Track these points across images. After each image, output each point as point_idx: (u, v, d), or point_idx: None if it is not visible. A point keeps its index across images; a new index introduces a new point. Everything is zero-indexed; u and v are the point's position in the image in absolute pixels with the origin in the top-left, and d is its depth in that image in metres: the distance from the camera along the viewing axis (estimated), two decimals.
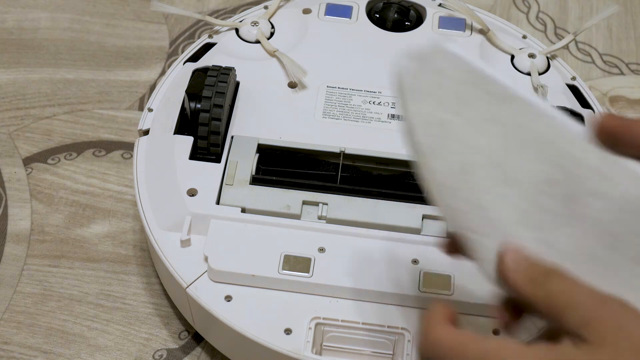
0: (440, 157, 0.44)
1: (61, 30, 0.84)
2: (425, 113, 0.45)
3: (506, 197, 0.43)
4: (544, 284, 0.39)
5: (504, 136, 0.44)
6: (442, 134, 0.44)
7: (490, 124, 0.44)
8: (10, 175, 0.74)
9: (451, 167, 0.44)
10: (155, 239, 0.61)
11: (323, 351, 0.58)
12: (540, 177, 0.43)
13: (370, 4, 0.74)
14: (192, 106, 0.64)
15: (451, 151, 0.44)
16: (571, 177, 0.43)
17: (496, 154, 0.44)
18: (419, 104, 0.45)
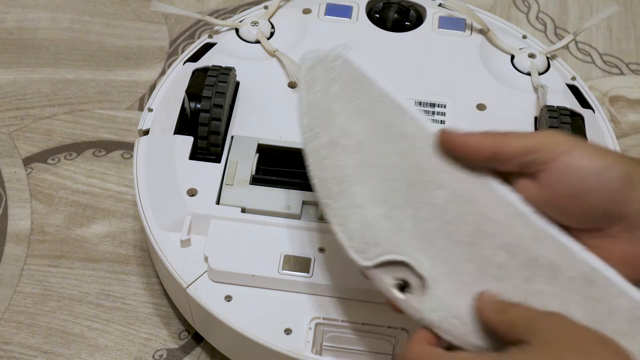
0: (317, 136, 0.52)
1: (61, 30, 0.84)
2: (313, 100, 0.53)
3: (363, 176, 0.51)
4: (506, 312, 0.46)
5: (371, 128, 0.52)
6: (322, 117, 0.52)
7: (363, 117, 0.52)
8: (10, 175, 0.74)
9: (322, 143, 0.52)
10: (155, 239, 0.61)
11: (323, 351, 0.58)
12: (390, 166, 0.51)
13: (370, 4, 0.74)
14: (192, 106, 0.64)
15: (327, 131, 0.52)
16: (416, 168, 0.50)
17: (361, 141, 0.51)
18: (309, 92, 0.53)
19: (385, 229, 0.50)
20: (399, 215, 0.50)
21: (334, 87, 0.53)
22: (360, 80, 0.53)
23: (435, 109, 0.67)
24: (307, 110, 0.53)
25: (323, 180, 0.52)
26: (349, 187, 0.51)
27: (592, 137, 0.65)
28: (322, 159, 0.52)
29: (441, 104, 0.67)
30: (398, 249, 0.49)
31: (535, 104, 0.67)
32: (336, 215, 0.51)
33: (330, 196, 0.51)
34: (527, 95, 0.68)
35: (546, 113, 0.64)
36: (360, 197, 0.51)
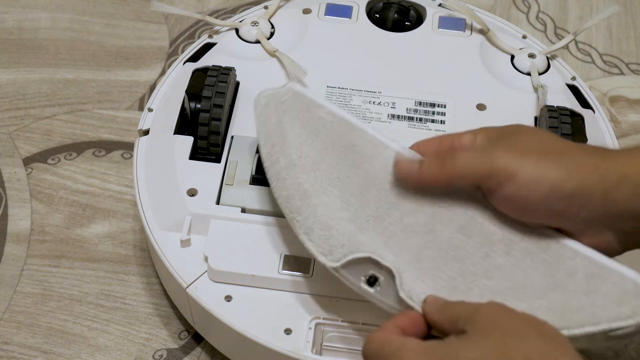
0: (276, 161, 0.57)
1: (61, 30, 0.84)
2: (269, 132, 0.58)
3: (323, 188, 0.55)
4: (448, 310, 0.49)
5: (324, 147, 0.56)
6: (279, 145, 0.57)
7: (315, 139, 0.57)
8: (10, 175, 0.74)
9: (282, 166, 0.56)
10: (155, 239, 0.61)
11: (323, 351, 0.58)
12: (346, 175, 0.55)
13: (370, 4, 0.74)
14: (192, 106, 0.64)
15: (284, 156, 0.57)
16: (368, 173, 0.55)
17: (316, 159, 0.56)
18: (264, 126, 0.58)
19: (348, 230, 0.54)
20: (359, 217, 0.54)
21: (287, 117, 0.58)
22: (310, 107, 0.58)
23: (435, 109, 0.67)
24: (264, 142, 0.58)
25: (286, 198, 0.56)
26: (310, 199, 0.55)
27: (592, 137, 0.65)
28: (283, 180, 0.56)
29: (441, 104, 0.67)
30: (362, 247, 0.53)
31: (535, 104, 0.67)
32: (302, 226, 0.55)
33: (294, 210, 0.55)
34: (527, 95, 0.68)
35: (546, 113, 0.64)
36: (322, 207, 0.55)
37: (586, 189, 0.49)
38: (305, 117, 0.58)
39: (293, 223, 0.55)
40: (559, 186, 0.50)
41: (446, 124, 0.66)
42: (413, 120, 0.66)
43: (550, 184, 0.50)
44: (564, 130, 0.62)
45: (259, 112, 0.59)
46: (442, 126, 0.65)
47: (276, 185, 0.57)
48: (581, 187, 0.49)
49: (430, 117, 0.66)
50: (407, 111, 0.66)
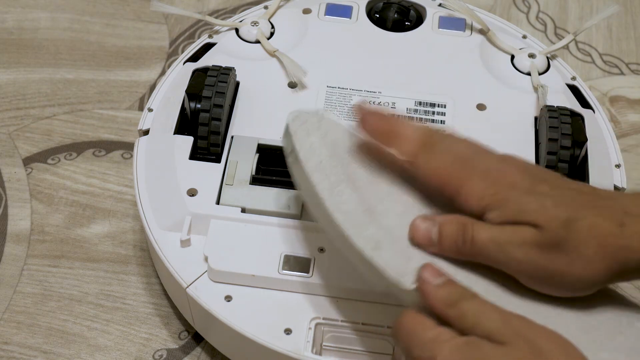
0: (328, 175, 0.54)
1: (61, 30, 0.84)
2: (312, 147, 0.55)
3: (385, 206, 0.53)
4: (459, 305, 0.48)
5: (374, 171, 0.54)
6: (327, 160, 0.54)
7: (362, 161, 0.55)
8: (10, 175, 0.74)
9: (333, 182, 0.54)
10: (155, 239, 0.61)
11: (323, 351, 0.58)
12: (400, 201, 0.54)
13: (370, 4, 0.74)
14: (192, 106, 0.64)
15: (335, 172, 0.54)
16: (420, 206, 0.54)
17: (370, 180, 0.54)
18: (304, 142, 0.55)
19: (415, 252, 0.51)
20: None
21: (329, 138, 0.55)
22: (348, 133, 0.56)
23: (435, 109, 0.67)
24: (306, 157, 0.55)
25: (344, 213, 0.52)
26: (373, 215, 0.52)
27: (592, 137, 0.65)
28: (336, 195, 0.53)
29: (441, 104, 0.67)
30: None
31: (535, 104, 0.67)
32: (368, 242, 0.51)
33: (356, 226, 0.52)
34: (527, 95, 0.68)
35: (546, 113, 0.64)
36: (387, 223, 0.52)
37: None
38: (346, 141, 0.56)
39: (354, 240, 0.52)
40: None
41: (446, 123, 0.66)
42: (413, 120, 0.66)
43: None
44: (564, 130, 0.62)
45: (294, 130, 0.56)
46: (442, 126, 0.65)
47: (329, 201, 0.53)
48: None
49: (430, 117, 0.66)
50: (407, 111, 0.66)
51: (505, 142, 0.65)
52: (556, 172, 0.53)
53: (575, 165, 0.63)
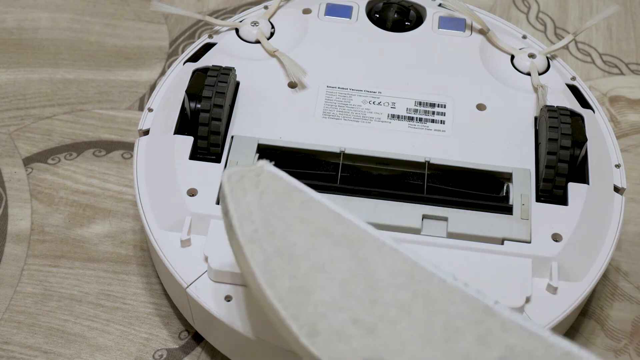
0: (261, 249, 0.50)
1: (61, 30, 0.84)
2: (246, 212, 0.52)
3: (320, 284, 0.49)
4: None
5: (312, 235, 0.51)
6: (261, 229, 0.51)
7: (301, 225, 0.51)
8: (10, 175, 0.74)
9: (269, 255, 0.50)
10: (155, 239, 0.61)
11: None
12: (344, 269, 0.50)
13: (370, 4, 0.74)
14: (192, 106, 0.64)
15: (270, 243, 0.50)
16: (372, 272, 0.50)
17: (308, 248, 0.50)
18: (239, 205, 0.52)
19: (357, 333, 0.48)
20: (367, 319, 0.48)
21: (265, 199, 0.52)
22: (290, 191, 0.53)
23: (435, 109, 0.67)
24: (240, 224, 0.51)
25: (278, 293, 0.49)
26: (308, 296, 0.49)
27: (592, 137, 0.65)
28: (271, 271, 0.49)
29: (441, 104, 0.67)
30: (377, 354, 0.47)
31: (535, 104, 0.67)
32: (302, 327, 0.48)
33: (290, 308, 0.48)
34: (527, 95, 0.68)
35: (546, 113, 0.64)
36: (322, 305, 0.49)
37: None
38: (286, 201, 0.52)
39: (289, 323, 0.48)
40: None
41: (446, 124, 0.66)
42: (413, 120, 0.66)
43: None
44: (563, 130, 0.62)
45: (229, 189, 0.52)
46: (442, 126, 0.66)
47: (262, 277, 0.49)
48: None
49: (430, 117, 0.66)
50: (407, 111, 0.66)
51: (505, 142, 0.65)
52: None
53: (575, 165, 0.63)
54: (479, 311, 0.49)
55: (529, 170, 0.63)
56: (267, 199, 0.52)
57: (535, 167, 0.63)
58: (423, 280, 0.50)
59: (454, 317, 0.49)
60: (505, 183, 0.63)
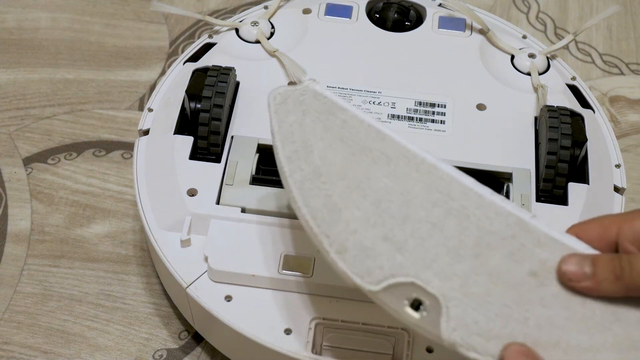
0: (298, 168, 0.52)
1: (61, 30, 0.84)
2: (288, 133, 0.53)
3: (353, 201, 0.50)
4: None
5: (352, 154, 0.52)
6: (301, 150, 0.52)
7: (341, 144, 0.52)
8: (10, 175, 0.74)
9: (305, 175, 0.51)
10: (155, 239, 0.61)
11: (323, 351, 0.58)
12: (380, 186, 0.51)
13: (370, 4, 0.74)
14: (192, 106, 0.64)
15: (308, 163, 0.52)
16: (408, 189, 0.50)
17: (344, 167, 0.51)
18: (282, 126, 0.53)
19: (386, 250, 0.49)
20: (397, 235, 0.49)
21: (308, 119, 0.53)
22: (333, 110, 0.53)
23: (435, 109, 0.67)
24: (282, 145, 0.53)
25: (312, 211, 0.50)
26: (340, 214, 0.50)
27: (592, 137, 0.65)
28: (307, 190, 0.51)
29: (441, 104, 0.67)
30: (403, 270, 0.48)
31: (535, 104, 0.67)
32: (332, 243, 0.50)
33: (322, 225, 0.50)
34: (527, 95, 0.68)
35: (546, 113, 0.64)
36: (354, 222, 0.50)
37: None
38: (328, 119, 0.53)
39: (321, 239, 0.50)
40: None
41: (446, 124, 0.66)
42: (413, 120, 0.66)
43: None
44: (563, 130, 0.62)
45: (274, 110, 0.54)
46: (442, 126, 0.66)
47: (299, 196, 0.51)
48: None
49: (430, 117, 0.66)
50: (407, 111, 0.66)
51: (505, 142, 0.65)
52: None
53: (575, 166, 0.63)
54: (514, 225, 0.49)
55: (529, 170, 0.63)
56: (309, 118, 0.53)
57: (535, 167, 0.63)
58: (460, 196, 0.50)
59: (487, 233, 0.49)
60: (506, 183, 0.63)
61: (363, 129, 0.53)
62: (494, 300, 0.47)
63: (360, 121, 0.53)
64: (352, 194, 0.51)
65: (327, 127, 0.53)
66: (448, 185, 0.50)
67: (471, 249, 0.48)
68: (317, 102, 0.54)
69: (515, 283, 0.47)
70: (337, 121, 0.53)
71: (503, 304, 0.47)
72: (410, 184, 0.51)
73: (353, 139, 0.52)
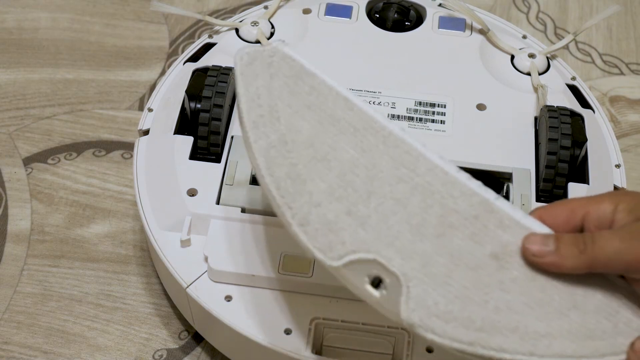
0: (264, 135, 0.50)
1: (61, 30, 0.84)
2: (254, 96, 0.51)
3: (318, 172, 0.49)
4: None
5: (319, 123, 0.50)
6: (267, 115, 0.50)
7: (308, 111, 0.50)
8: (10, 175, 0.74)
9: (271, 142, 0.50)
10: (155, 239, 0.61)
11: (323, 351, 0.58)
12: (346, 158, 0.49)
13: (370, 4, 0.74)
14: (192, 106, 0.64)
15: (274, 129, 0.50)
16: (374, 163, 0.49)
17: (311, 136, 0.50)
18: (248, 89, 0.51)
19: (348, 225, 0.48)
20: (360, 210, 0.48)
21: (275, 83, 0.51)
22: (301, 74, 0.52)
23: (435, 109, 0.67)
24: (247, 109, 0.51)
25: (276, 181, 0.49)
26: (304, 185, 0.49)
27: (592, 137, 0.65)
28: (272, 159, 0.49)
29: (441, 104, 0.67)
30: (365, 246, 0.47)
31: (535, 104, 0.67)
32: (294, 215, 0.48)
33: (286, 196, 0.49)
34: (527, 95, 0.68)
35: (546, 113, 0.64)
36: (318, 194, 0.48)
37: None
38: (296, 84, 0.51)
39: (283, 210, 0.48)
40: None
41: (446, 124, 0.66)
42: (413, 120, 0.66)
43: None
44: (564, 130, 0.62)
45: (241, 71, 0.52)
46: (442, 126, 0.66)
47: (263, 164, 0.49)
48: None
49: (430, 117, 0.66)
50: (407, 111, 0.66)
51: (505, 142, 0.65)
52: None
53: (575, 166, 0.63)
54: (477, 205, 0.48)
55: (529, 170, 0.63)
56: (276, 82, 0.51)
57: (535, 167, 0.63)
58: (425, 172, 0.49)
59: (450, 212, 0.48)
60: (506, 183, 0.63)
61: (331, 96, 0.51)
62: (454, 282, 0.47)
63: (329, 88, 0.51)
64: (317, 164, 0.49)
65: (294, 92, 0.51)
66: (415, 161, 0.50)
67: (434, 228, 0.48)
68: (285, 65, 0.52)
69: (476, 265, 0.47)
70: (305, 87, 0.51)
71: (463, 286, 0.46)
72: (376, 157, 0.49)
73: (321, 107, 0.51)
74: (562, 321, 0.46)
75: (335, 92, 0.51)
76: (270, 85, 0.51)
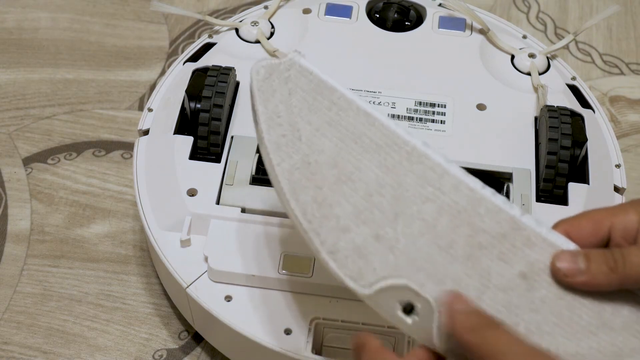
0: (287, 156, 0.48)
1: (61, 30, 0.84)
2: (273, 114, 0.49)
3: (344, 194, 0.48)
4: (482, 332, 0.43)
5: (341, 140, 0.49)
6: (289, 134, 0.49)
7: (329, 129, 0.49)
8: (10, 175, 0.74)
9: (294, 164, 0.48)
10: (155, 239, 0.61)
11: (323, 351, 0.58)
12: (371, 178, 0.48)
13: (370, 4, 0.74)
14: (192, 106, 0.64)
15: (296, 150, 0.48)
16: (399, 182, 0.48)
17: (334, 156, 0.48)
18: (267, 106, 0.49)
19: (377, 250, 0.47)
20: (388, 233, 0.47)
21: (294, 99, 0.50)
22: (320, 88, 0.50)
23: (435, 109, 0.67)
24: (268, 127, 0.49)
25: (302, 205, 0.47)
26: (331, 209, 0.47)
27: (592, 137, 0.65)
28: (296, 182, 0.48)
29: (441, 104, 0.67)
30: (396, 272, 0.46)
31: (535, 104, 0.67)
32: (323, 243, 0.47)
33: (313, 222, 0.47)
34: (527, 95, 0.68)
35: (546, 113, 0.64)
36: (345, 218, 0.47)
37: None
38: (315, 100, 0.49)
39: (311, 236, 0.47)
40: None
41: (446, 124, 0.66)
42: (413, 120, 0.66)
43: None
44: (564, 130, 0.62)
45: (258, 87, 0.50)
46: (442, 126, 0.66)
47: (287, 187, 0.48)
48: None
49: (430, 117, 0.66)
50: (407, 111, 0.66)
51: (506, 142, 0.65)
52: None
53: (575, 165, 0.63)
54: (504, 223, 0.48)
55: (529, 170, 0.63)
56: (295, 98, 0.49)
57: (535, 167, 0.63)
58: (451, 189, 0.48)
59: (478, 232, 0.47)
60: (506, 183, 0.63)
61: (352, 111, 0.50)
62: (485, 305, 0.46)
63: (348, 102, 0.50)
64: (342, 186, 0.48)
65: (314, 108, 0.50)
66: (439, 178, 0.49)
67: (462, 249, 0.47)
68: (303, 78, 0.50)
69: (506, 286, 0.46)
70: (324, 102, 0.50)
71: (495, 309, 0.46)
72: (401, 175, 0.48)
73: (342, 122, 0.49)
74: (590, 340, 0.45)
75: (355, 106, 0.50)
76: (289, 102, 0.49)
